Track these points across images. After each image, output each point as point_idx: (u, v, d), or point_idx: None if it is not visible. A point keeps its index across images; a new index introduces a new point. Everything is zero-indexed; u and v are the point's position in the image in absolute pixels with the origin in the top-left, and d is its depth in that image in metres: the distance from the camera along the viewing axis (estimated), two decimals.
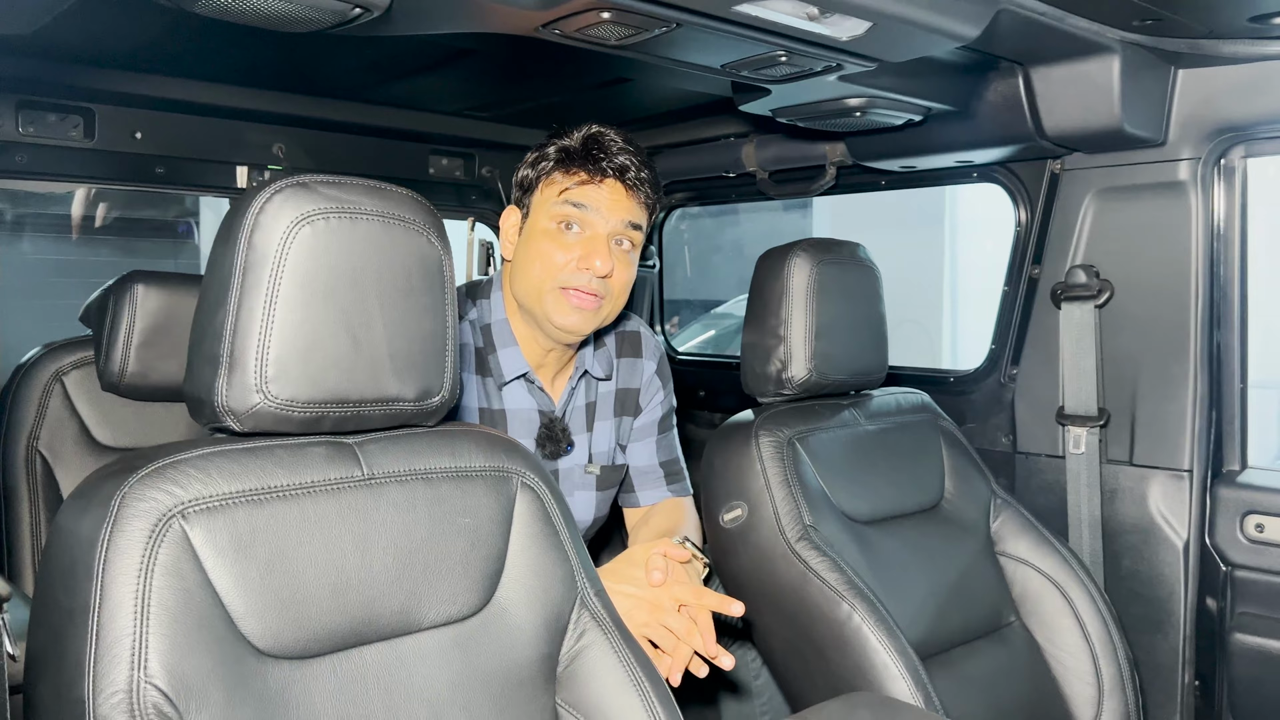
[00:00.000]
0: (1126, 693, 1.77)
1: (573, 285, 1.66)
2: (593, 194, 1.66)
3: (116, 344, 1.81)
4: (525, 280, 1.70)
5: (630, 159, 1.67)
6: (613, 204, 1.66)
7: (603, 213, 1.66)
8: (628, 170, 1.66)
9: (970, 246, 7.16)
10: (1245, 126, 1.82)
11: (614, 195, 1.67)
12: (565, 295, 1.66)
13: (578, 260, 1.65)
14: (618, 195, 1.67)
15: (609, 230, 1.67)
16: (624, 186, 1.67)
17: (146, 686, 0.90)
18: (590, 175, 1.66)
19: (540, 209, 1.70)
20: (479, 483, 1.19)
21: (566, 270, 1.65)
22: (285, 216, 1.03)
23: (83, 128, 2.11)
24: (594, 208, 1.65)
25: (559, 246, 1.66)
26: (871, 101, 1.79)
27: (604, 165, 1.65)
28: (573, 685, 1.20)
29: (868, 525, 1.74)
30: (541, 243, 1.68)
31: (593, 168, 1.65)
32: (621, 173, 1.66)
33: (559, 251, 1.66)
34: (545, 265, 1.67)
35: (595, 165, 1.65)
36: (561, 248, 1.66)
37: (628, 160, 1.66)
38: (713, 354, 5.57)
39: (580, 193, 1.66)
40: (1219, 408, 1.95)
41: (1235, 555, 1.88)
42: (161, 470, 0.99)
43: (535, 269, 1.68)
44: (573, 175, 1.67)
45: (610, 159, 1.65)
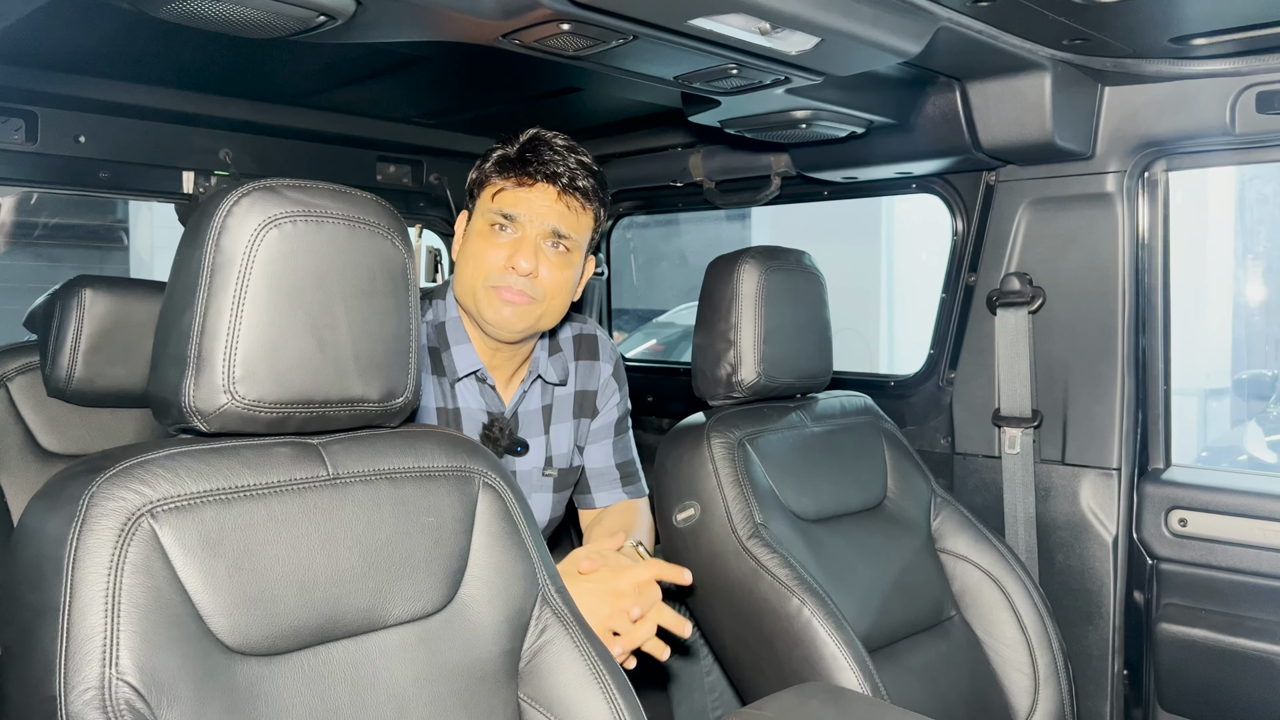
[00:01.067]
0: (1060, 682, 1.85)
1: (501, 284, 1.69)
2: (523, 197, 1.69)
3: (64, 349, 1.79)
4: (460, 279, 1.75)
5: (563, 165, 1.70)
6: (542, 208, 1.69)
7: (531, 216, 1.69)
8: (560, 176, 1.69)
9: (906, 257, 7.33)
10: (1167, 141, 1.92)
11: (544, 199, 1.70)
12: (496, 293, 1.70)
13: (505, 260, 1.69)
14: (548, 199, 1.70)
15: (537, 232, 1.70)
16: (556, 190, 1.70)
17: (118, 683, 0.91)
18: (521, 179, 1.69)
19: (479, 212, 1.75)
20: (442, 483, 1.21)
21: (495, 270, 1.69)
22: (253, 220, 1.05)
23: (24, 131, 2.08)
24: (523, 210, 1.69)
25: (490, 246, 1.70)
26: (816, 114, 1.85)
27: (535, 170, 1.69)
28: (535, 680, 1.22)
29: (815, 523, 1.79)
30: (475, 243, 1.73)
31: (524, 171, 1.69)
32: (553, 178, 1.69)
33: (490, 251, 1.70)
34: (477, 264, 1.71)
35: (527, 169, 1.69)
36: (492, 248, 1.70)
37: (561, 166, 1.69)
38: (660, 360, 5.62)
39: (511, 196, 1.70)
40: (1145, 409, 2.05)
41: (1161, 549, 1.97)
42: (129, 470, 1.00)
43: (469, 268, 1.73)
44: (507, 178, 1.70)
45: (542, 165, 1.69)
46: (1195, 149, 1.93)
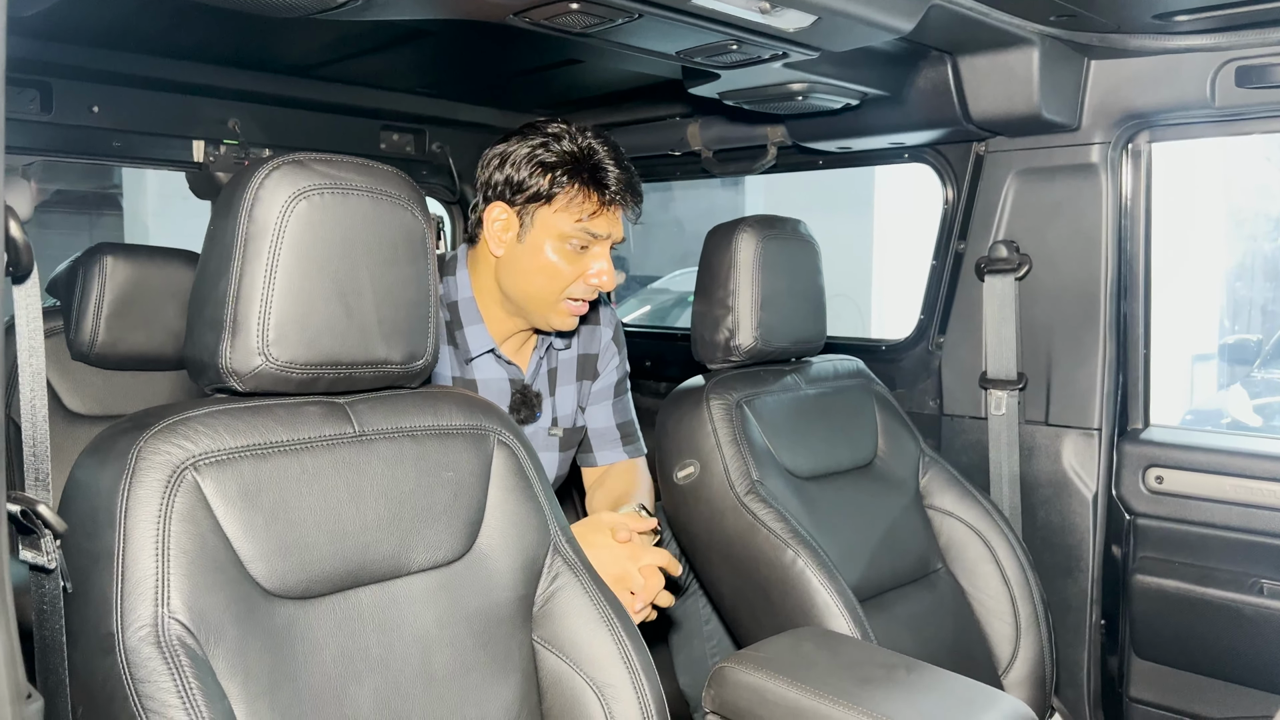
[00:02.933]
0: (1041, 630, 1.95)
1: (577, 296, 1.77)
2: (603, 222, 1.74)
3: (87, 314, 1.86)
4: (527, 287, 1.78)
5: (624, 179, 1.75)
6: (615, 224, 1.77)
7: (611, 235, 1.76)
8: (625, 194, 1.75)
9: (896, 226, 7.39)
10: (1150, 114, 1.98)
11: (616, 217, 1.77)
12: (568, 304, 1.78)
13: (584, 276, 1.76)
14: (617, 216, 1.77)
15: (610, 244, 1.78)
16: (623, 209, 1.77)
17: (170, 621, 0.99)
18: (602, 204, 1.73)
19: (550, 226, 1.73)
20: (460, 440, 1.29)
21: (575, 285, 1.76)
22: (283, 192, 1.11)
23: (39, 101, 2.13)
24: (606, 232, 1.75)
25: (568, 263, 1.75)
26: (812, 86, 1.91)
27: (611, 194, 1.73)
28: (548, 623, 1.31)
29: (808, 481, 1.87)
30: (549, 258, 1.74)
31: (602, 197, 1.73)
32: (623, 200, 1.75)
33: (568, 266, 1.75)
34: (554, 280, 1.75)
35: (604, 193, 1.73)
36: (570, 263, 1.75)
37: (624, 182, 1.74)
38: (658, 326, 5.69)
39: (595, 223, 1.73)
40: (1125, 371, 2.13)
41: (1138, 505, 2.07)
42: (172, 427, 1.07)
43: (541, 281, 1.76)
44: (586, 203, 1.72)
45: (612, 186, 1.73)
46: (1177, 121, 1.99)
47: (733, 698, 1.32)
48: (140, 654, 0.96)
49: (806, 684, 1.27)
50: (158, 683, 0.95)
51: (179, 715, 0.94)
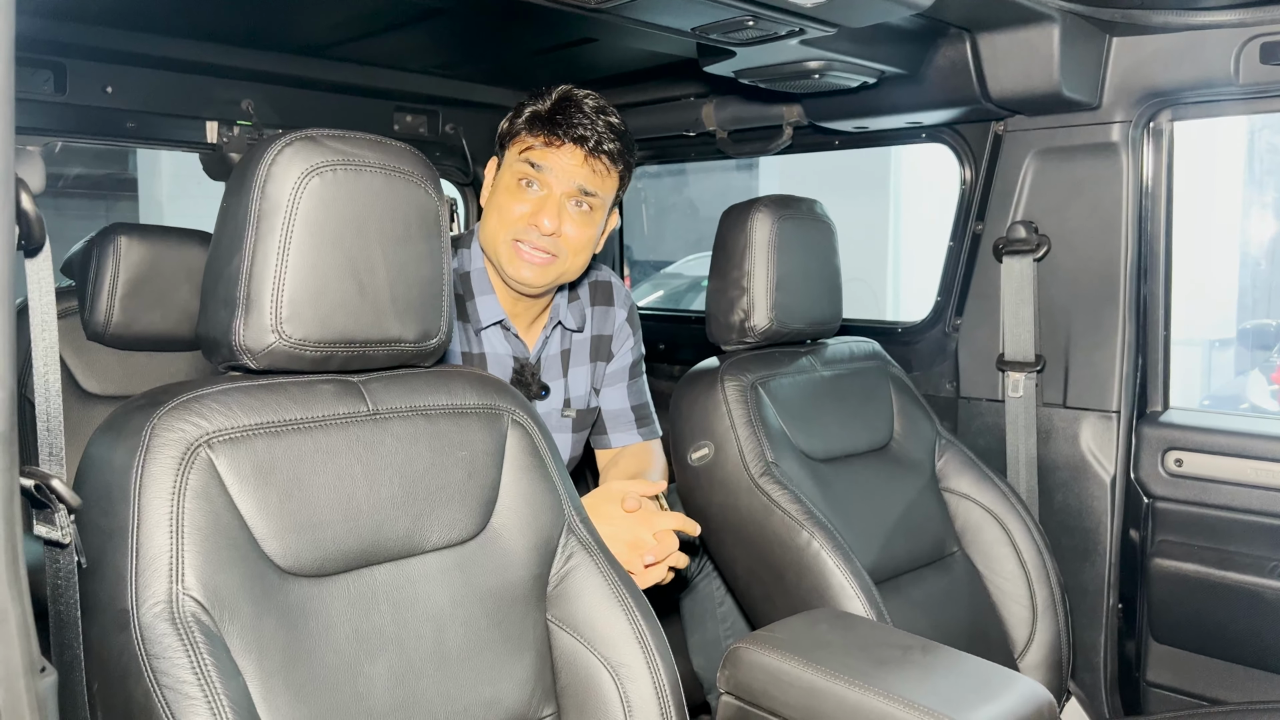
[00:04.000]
0: (1057, 614, 1.93)
1: (524, 239, 1.75)
2: (551, 156, 1.73)
3: (101, 294, 1.86)
4: (485, 229, 1.81)
5: (592, 128, 1.73)
6: (569, 168, 1.73)
7: (558, 174, 1.73)
8: (587, 139, 1.72)
9: (913, 208, 7.34)
10: (1172, 91, 1.95)
11: (571, 159, 1.74)
12: (517, 249, 1.75)
13: (529, 216, 1.74)
14: (575, 160, 1.74)
15: (563, 191, 1.74)
16: (583, 152, 1.74)
17: (185, 597, 0.99)
18: (550, 138, 1.73)
19: (507, 164, 1.79)
20: (474, 419, 1.28)
21: (519, 225, 1.74)
22: (296, 168, 1.10)
23: (53, 82, 2.12)
24: (550, 169, 1.73)
25: (515, 200, 1.75)
26: (829, 64, 1.89)
27: (564, 131, 1.72)
28: (562, 602, 1.30)
29: (824, 463, 1.86)
30: (501, 196, 1.77)
31: (554, 131, 1.72)
32: (581, 140, 1.72)
33: (515, 205, 1.75)
34: (501, 217, 1.76)
35: (556, 129, 1.72)
36: (517, 202, 1.75)
37: (589, 129, 1.72)
38: (672, 309, 5.68)
39: (539, 154, 1.73)
40: (1145, 353, 2.11)
41: (1157, 488, 2.05)
42: (186, 404, 1.07)
43: (493, 220, 1.78)
44: (536, 136, 1.74)
45: (570, 126, 1.72)
46: (1200, 99, 1.96)
47: (747, 678, 1.32)
48: (155, 630, 0.96)
49: (822, 665, 1.26)
50: (172, 659, 0.95)
51: (194, 691, 0.94)
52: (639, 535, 1.59)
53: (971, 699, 1.20)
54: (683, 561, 1.62)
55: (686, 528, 1.64)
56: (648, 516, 1.62)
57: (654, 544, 1.59)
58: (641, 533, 1.59)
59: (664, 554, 1.59)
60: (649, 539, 1.59)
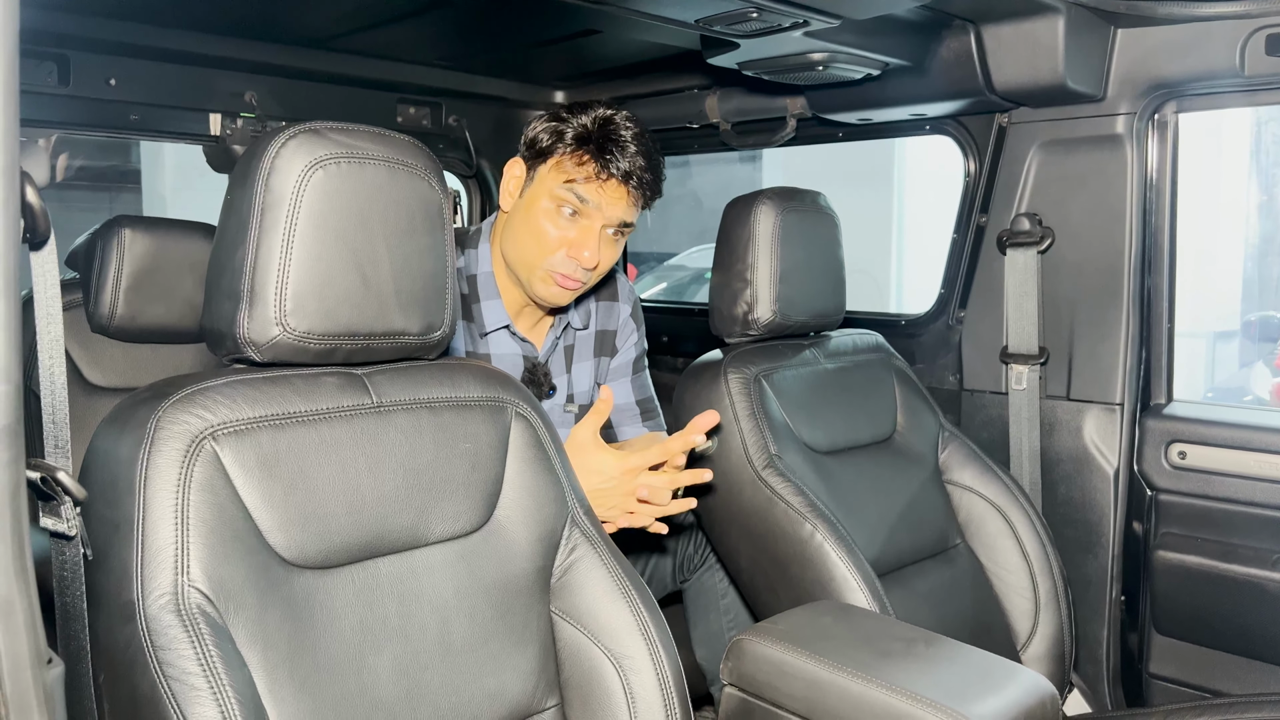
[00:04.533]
0: (1060, 606, 1.94)
1: (561, 270, 1.73)
2: (596, 191, 1.70)
3: (105, 287, 1.86)
4: (517, 248, 1.77)
5: (638, 162, 1.70)
6: (613, 202, 1.71)
7: (602, 209, 1.71)
8: (632, 176, 1.71)
9: (916, 201, 7.33)
10: (1177, 83, 1.94)
11: (616, 195, 1.71)
12: (553, 277, 1.74)
13: (569, 248, 1.72)
14: (619, 195, 1.72)
15: (603, 223, 1.73)
16: (626, 188, 1.72)
17: (190, 590, 0.99)
18: (598, 171, 1.69)
19: (544, 183, 1.73)
20: (477, 411, 1.28)
21: (557, 255, 1.72)
22: (300, 161, 1.10)
23: (57, 74, 2.12)
24: (595, 203, 1.70)
25: (554, 227, 1.72)
26: (833, 56, 1.89)
27: (613, 167, 1.69)
28: (566, 594, 1.31)
29: (827, 455, 1.86)
30: (539, 219, 1.73)
31: (603, 166, 1.69)
32: (627, 177, 1.70)
33: (553, 231, 1.72)
34: (539, 243, 1.73)
35: (604, 163, 1.69)
36: (556, 228, 1.72)
37: (636, 164, 1.70)
38: (676, 301, 5.68)
39: (585, 188, 1.70)
40: (1148, 346, 2.10)
41: (1160, 481, 2.05)
42: (191, 396, 1.07)
43: (528, 243, 1.74)
44: (582, 166, 1.69)
45: (619, 161, 1.69)
46: (1205, 90, 1.96)
47: (751, 670, 1.32)
48: (160, 622, 0.97)
49: (825, 656, 1.26)
50: (178, 650, 0.95)
51: (199, 683, 0.94)
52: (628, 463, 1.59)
53: (975, 691, 1.20)
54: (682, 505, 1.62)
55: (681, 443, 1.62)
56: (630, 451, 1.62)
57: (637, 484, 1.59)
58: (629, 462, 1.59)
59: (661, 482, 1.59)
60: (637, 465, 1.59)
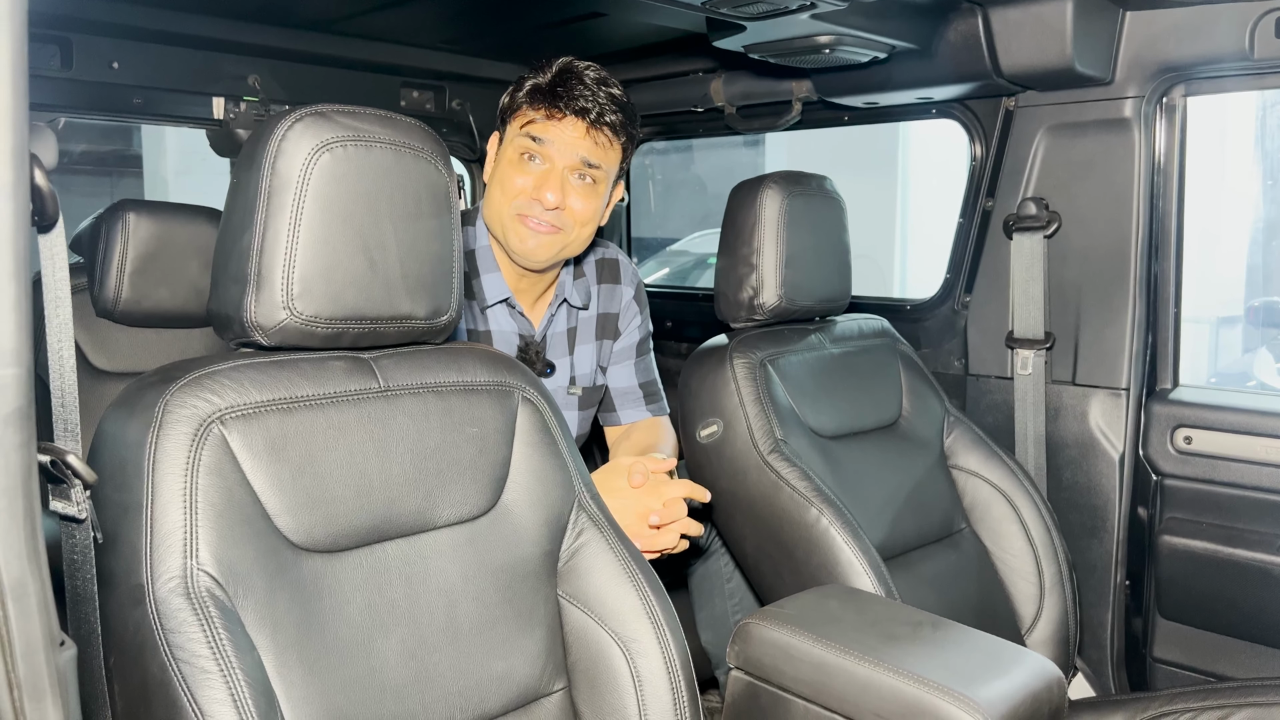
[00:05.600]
0: (1065, 590, 1.94)
1: (527, 213, 1.74)
2: (552, 129, 1.71)
3: (110, 271, 1.86)
4: (489, 205, 1.79)
5: (593, 99, 1.71)
6: (570, 140, 1.72)
7: (560, 147, 1.72)
8: (588, 111, 1.71)
9: (921, 186, 7.30)
10: (1186, 66, 1.93)
11: (573, 132, 1.72)
12: (522, 222, 1.74)
13: (532, 190, 1.73)
14: (576, 132, 1.72)
15: (565, 164, 1.73)
16: (584, 125, 1.72)
17: (199, 573, 0.99)
18: (551, 111, 1.71)
19: (509, 139, 1.77)
20: (484, 396, 1.28)
21: (521, 198, 1.73)
22: (306, 144, 1.10)
23: (60, 57, 2.11)
24: (551, 142, 1.71)
25: (518, 174, 1.74)
26: (840, 39, 1.87)
27: (565, 104, 1.70)
28: (573, 578, 1.31)
29: (832, 440, 1.86)
30: (505, 169, 1.76)
31: (554, 104, 1.71)
32: (582, 113, 1.71)
33: (517, 178, 1.74)
34: (504, 191, 1.75)
35: (557, 101, 1.71)
36: (520, 175, 1.74)
37: (590, 101, 1.71)
38: (679, 286, 5.66)
39: (540, 127, 1.72)
40: (1154, 331, 2.10)
41: (1165, 466, 2.05)
42: (198, 380, 1.07)
43: (496, 194, 1.77)
44: (537, 109, 1.73)
45: (571, 98, 1.70)
46: (1214, 74, 1.94)
47: (757, 654, 1.32)
48: (170, 605, 0.97)
49: (832, 640, 1.27)
50: (188, 633, 0.96)
51: (209, 665, 0.95)
52: (647, 505, 1.59)
53: (981, 674, 1.21)
54: (696, 529, 1.63)
55: (695, 494, 1.64)
56: (655, 487, 1.62)
57: (660, 507, 1.59)
58: (650, 502, 1.60)
59: (670, 518, 1.59)
60: (657, 507, 1.59)
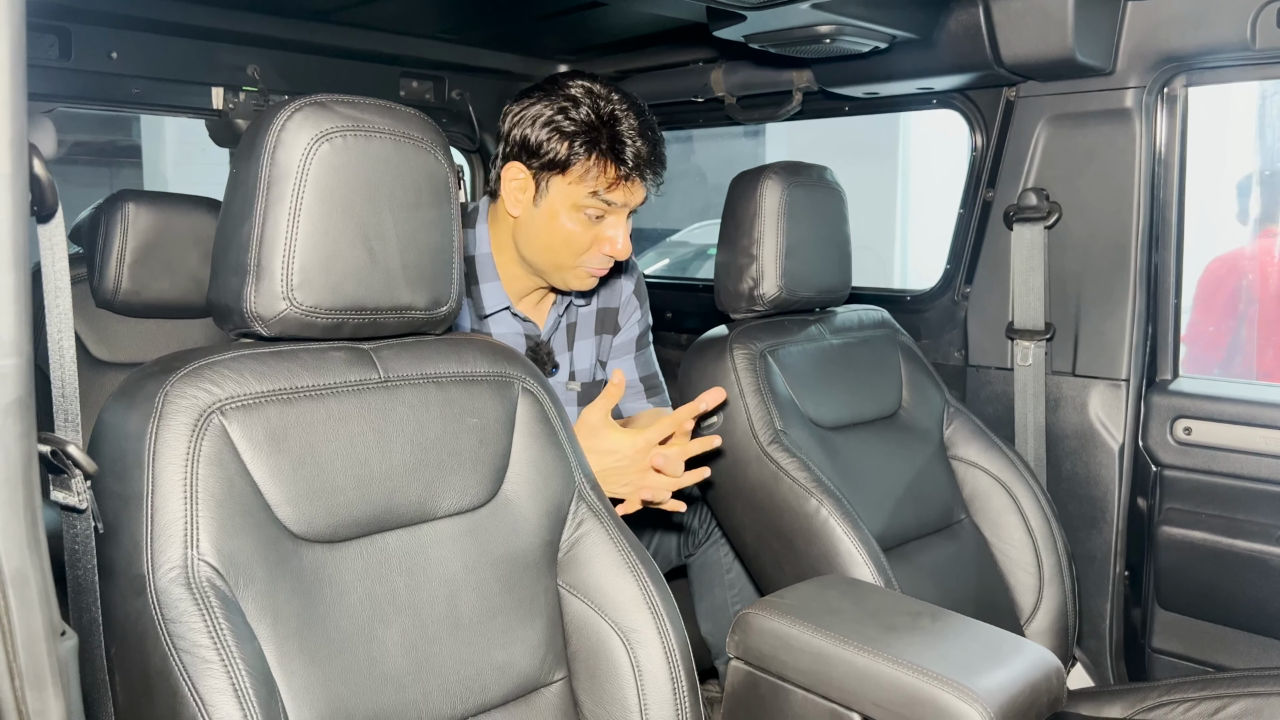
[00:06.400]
0: (1064, 581, 1.94)
1: (594, 266, 1.76)
2: (620, 193, 1.71)
3: (110, 262, 1.85)
4: (546, 253, 1.76)
5: (652, 151, 1.70)
6: (634, 194, 1.73)
7: (628, 204, 1.73)
8: (647, 166, 1.71)
9: (922, 177, 7.29)
10: (1187, 57, 1.93)
11: (636, 187, 1.73)
12: (588, 271, 1.77)
13: (601, 245, 1.74)
14: (639, 186, 1.73)
15: (627, 211, 1.75)
16: (644, 178, 1.72)
17: (200, 563, 0.99)
18: (619, 175, 1.69)
19: (565, 195, 1.71)
20: (484, 387, 1.28)
21: (590, 254, 1.75)
22: (306, 134, 1.10)
23: (58, 47, 2.11)
24: (621, 203, 1.72)
25: (584, 230, 1.73)
26: (841, 28, 1.87)
27: (633, 166, 1.69)
28: (573, 568, 1.31)
29: (832, 431, 1.86)
30: (567, 226, 1.72)
31: (624, 168, 1.68)
32: (643, 170, 1.71)
33: (584, 235, 1.73)
34: (570, 248, 1.74)
35: (623, 165, 1.68)
36: (586, 231, 1.73)
37: (650, 154, 1.70)
38: (679, 277, 5.66)
39: (613, 193, 1.70)
40: (1155, 322, 2.10)
41: (1165, 456, 2.05)
42: (198, 371, 1.07)
43: (557, 247, 1.74)
44: (603, 176, 1.68)
45: (635, 158, 1.68)
46: (1215, 64, 1.94)
47: (757, 643, 1.32)
48: (171, 595, 0.97)
49: (831, 630, 1.27)
50: (189, 623, 0.96)
51: (210, 655, 0.95)
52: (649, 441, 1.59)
53: (980, 664, 1.21)
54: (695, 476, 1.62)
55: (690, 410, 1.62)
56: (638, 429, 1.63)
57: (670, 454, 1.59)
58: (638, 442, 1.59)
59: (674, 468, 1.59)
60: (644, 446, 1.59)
